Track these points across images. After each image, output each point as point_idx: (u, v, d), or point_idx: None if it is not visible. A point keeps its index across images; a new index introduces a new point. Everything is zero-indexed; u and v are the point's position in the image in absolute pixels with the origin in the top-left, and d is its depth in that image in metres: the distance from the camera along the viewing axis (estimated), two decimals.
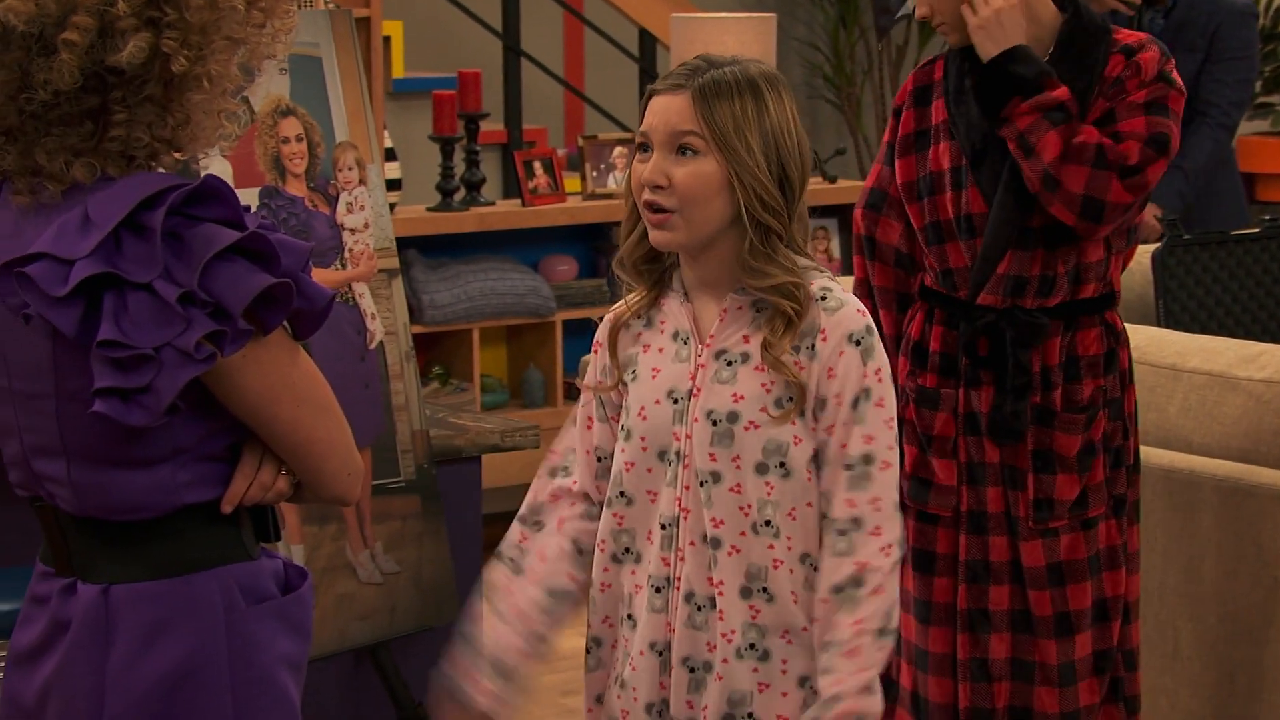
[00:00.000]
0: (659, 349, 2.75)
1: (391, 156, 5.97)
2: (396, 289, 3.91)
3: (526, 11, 7.59)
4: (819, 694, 2.66)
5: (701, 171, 2.66)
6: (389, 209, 3.96)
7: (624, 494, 2.75)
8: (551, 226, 6.30)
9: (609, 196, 6.18)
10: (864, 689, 2.63)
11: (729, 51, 2.79)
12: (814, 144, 7.91)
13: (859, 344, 2.66)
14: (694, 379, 2.71)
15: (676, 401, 2.71)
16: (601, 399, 2.80)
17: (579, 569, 2.81)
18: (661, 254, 2.77)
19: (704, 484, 2.68)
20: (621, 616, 2.78)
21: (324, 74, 3.85)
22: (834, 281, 2.71)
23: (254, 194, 3.70)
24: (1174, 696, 3.77)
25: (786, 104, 2.69)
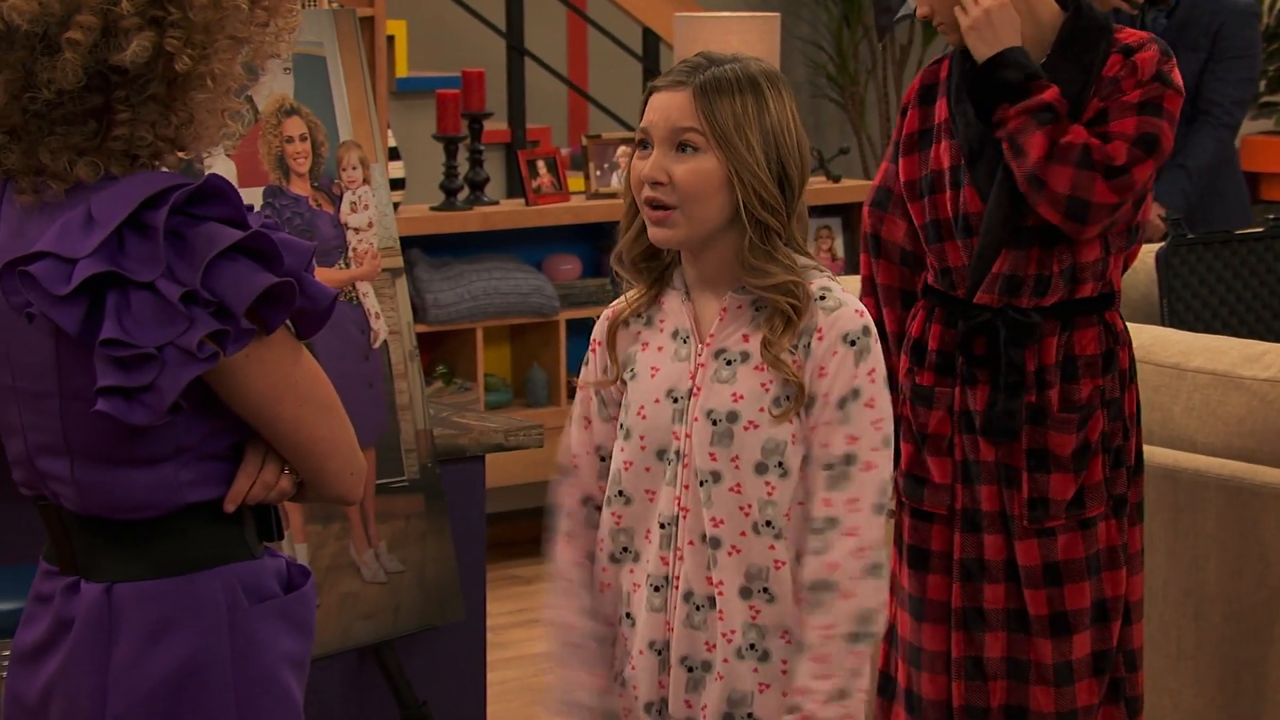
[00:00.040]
0: (658, 347, 2.75)
1: (395, 156, 5.97)
2: (400, 288, 3.90)
3: (530, 11, 7.59)
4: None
5: (702, 168, 2.66)
6: (393, 208, 3.96)
7: (622, 493, 2.75)
8: (555, 226, 6.30)
9: (613, 196, 6.18)
10: (829, 696, 2.61)
11: (732, 51, 2.79)
12: (818, 143, 7.93)
13: (853, 344, 2.65)
14: (694, 378, 2.71)
15: (676, 401, 2.71)
16: (602, 398, 2.79)
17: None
18: (660, 252, 2.77)
19: (704, 483, 2.68)
20: (621, 615, 2.78)
21: (328, 73, 3.84)
22: (834, 281, 2.71)
23: (258, 193, 3.69)
24: (1178, 696, 3.77)
25: (787, 102, 2.69)
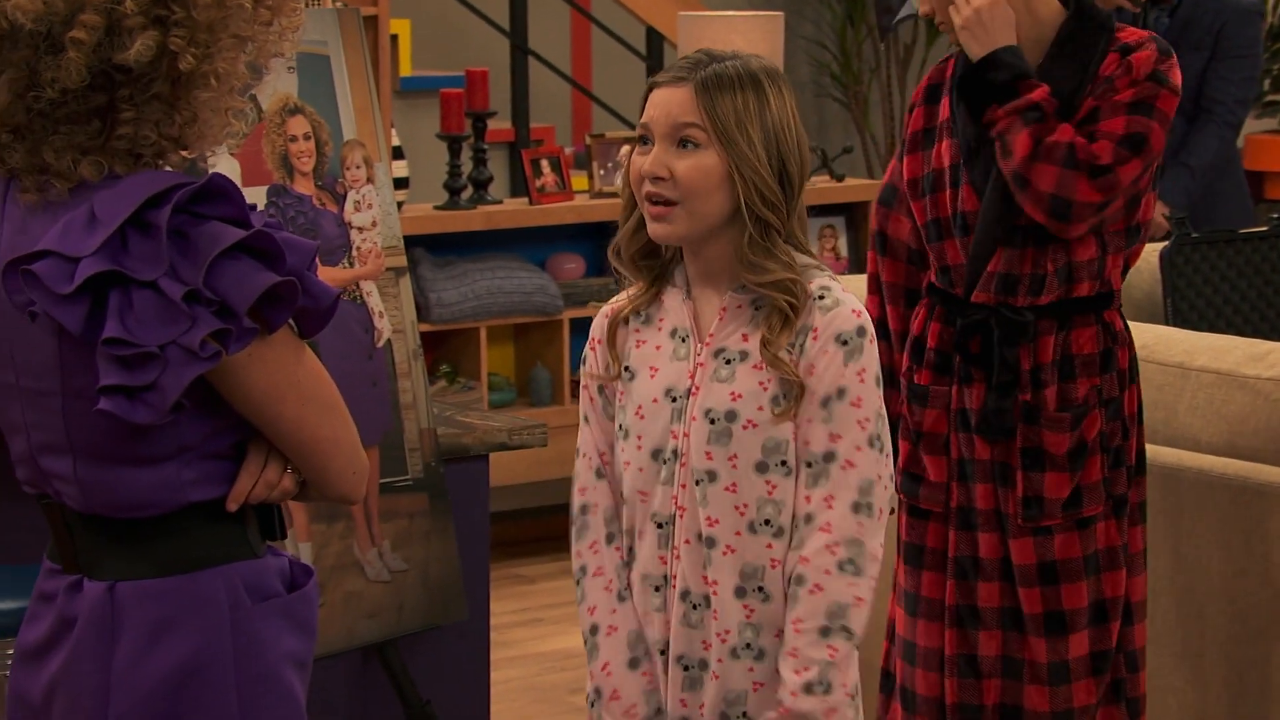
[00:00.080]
0: (656, 346, 2.74)
1: (399, 155, 5.97)
2: (404, 287, 3.90)
3: (534, 10, 7.59)
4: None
5: (702, 164, 2.66)
6: (397, 207, 3.96)
7: (627, 494, 2.75)
8: (559, 225, 6.30)
9: (616, 195, 6.16)
10: (803, 689, 2.63)
11: (735, 50, 2.78)
12: (822, 142, 7.92)
13: (845, 344, 2.65)
14: (693, 378, 2.71)
15: (675, 400, 2.71)
16: (606, 395, 2.79)
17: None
18: (658, 250, 2.77)
19: (699, 483, 2.68)
20: None
21: (332, 72, 3.84)
22: (834, 280, 2.70)
23: (262, 192, 3.69)
24: (1182, 696, 3.77)
25: (787, 99, 2.69)
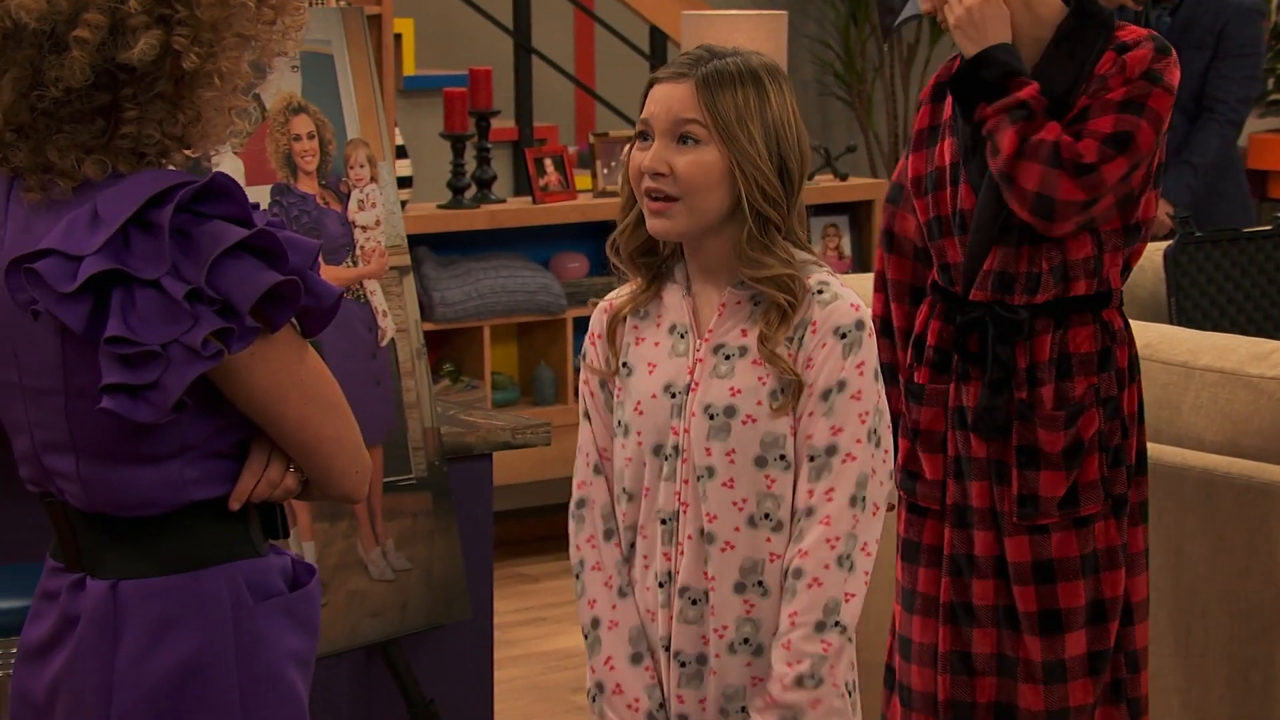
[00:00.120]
0: (654, 343, 2.75)
1: (403, 154, 5.96)
2: (408, 286, 3.90)
3: (537, 9, 7.59)
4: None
5: (703, 161, 2.66)
6: (400, 206, 3.96)
7: (626, 490, 2.75)
8: (562, 224, 6.29)
9: (619, 194, 6.17)
10: (794, 681, 2.63)
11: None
12: (825, 141, 7.92)
13: (844, 337, 2.66)
14: (692, 373, 2.71)
15: (674, 396, 2.71)
16: (607, 389, 2.79)
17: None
18: (657, 247, 2.77)
19: (700, 479, 2.68)
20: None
21: (335, 71, 3.84)
22: (833, 276, 2.71)
23: (265, 191, 3.69)
24: (1186, 695, 3.77)
25: (787, 96, 2.69)
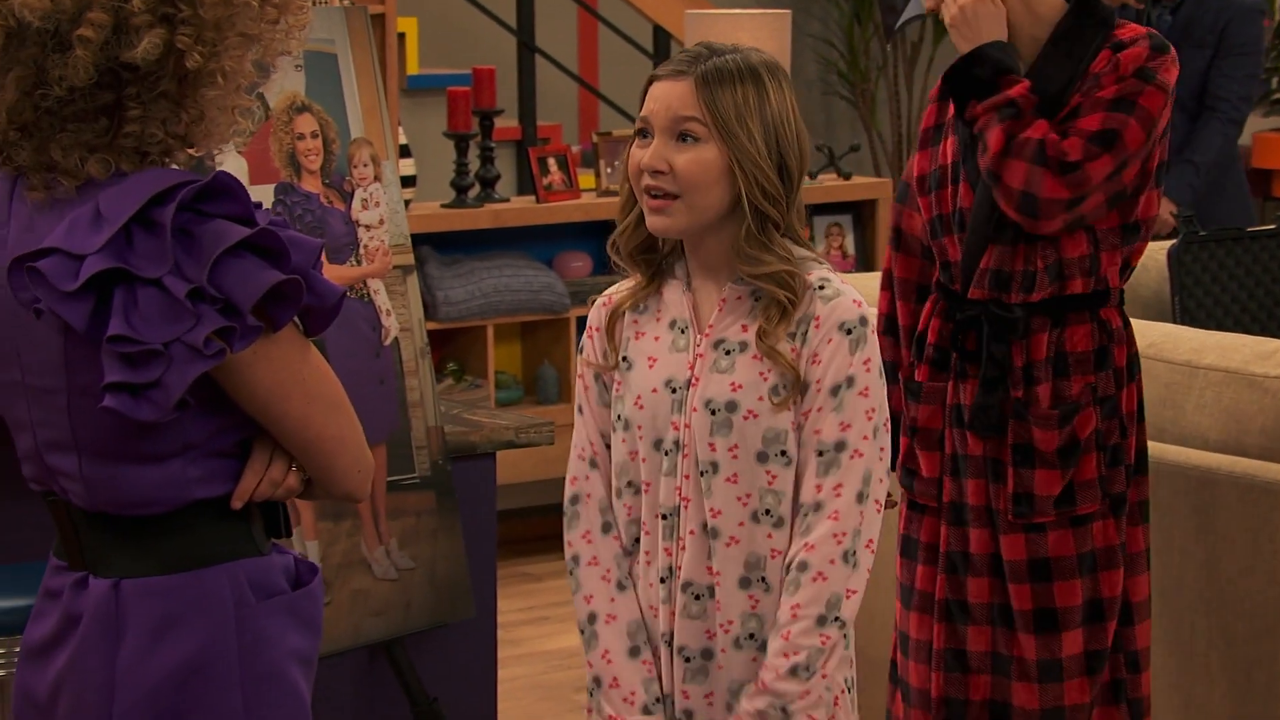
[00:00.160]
0: (654, 337, 2.75)
1: (406, 153, 5.97)
2: (411, 285, 3.90)
3: (541, 8, 7.59)
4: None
5: (702, 158, 2.66)
6: (404, 205, 3.96)
7: (631, 484, 2.75)
8: (566, 223, 6.29)
9: None
10: (789, 671, 2.64)
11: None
12: (828, 141, 7.91)
13: (849, 333, 2.67)
14: (692, 368, 2.71)
15: (675, 391, 2.71)
16: (603, 383, 2.79)
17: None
18: (657, 244, 2.77)
19: (704, 474, 2.69)
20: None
21: (339, 70, 3.85)
22: (833, 273, 2.72)
23: (269, 190, 3.69)
24: (1190, 694, 3.77)
25: (787, 93, 2.69)
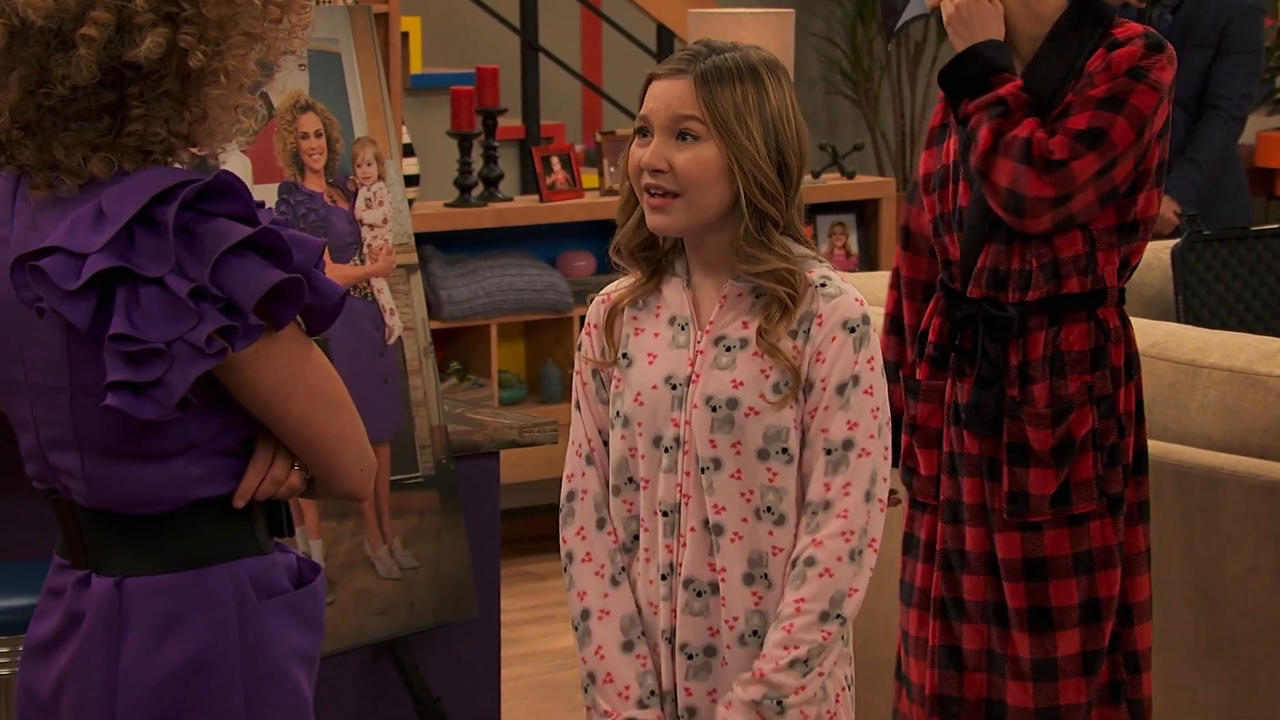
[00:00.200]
0: (654, 334, 2.75)
1: (410, 152, 5.97)
2: (415, 284, 3.90)
3: (544, 7, 7.59)
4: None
5: (702, 157, 2.66)
6: (407, 204, 3.96)
7: (630, 480, 2.75)
8: (569, 222, 6.30)
9: None
10: (789, 664, 2.63)
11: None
12: (832, 140, 7.91)
13: (853, 331, 2.66)
14: (693, 365, 2.71)
15: (675, 388, 2.71)
16: (601, 379, 2.79)
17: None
18: (657, 241, 2.77)
19: (705, 470, 2.68)
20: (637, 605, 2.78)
21: (343, 70, 3.85)
22: (833, 271, 2.72)
23: (273, 189, 3.69)
24: (1194, 693, 3.76)
25: (786, 91, 2.69)
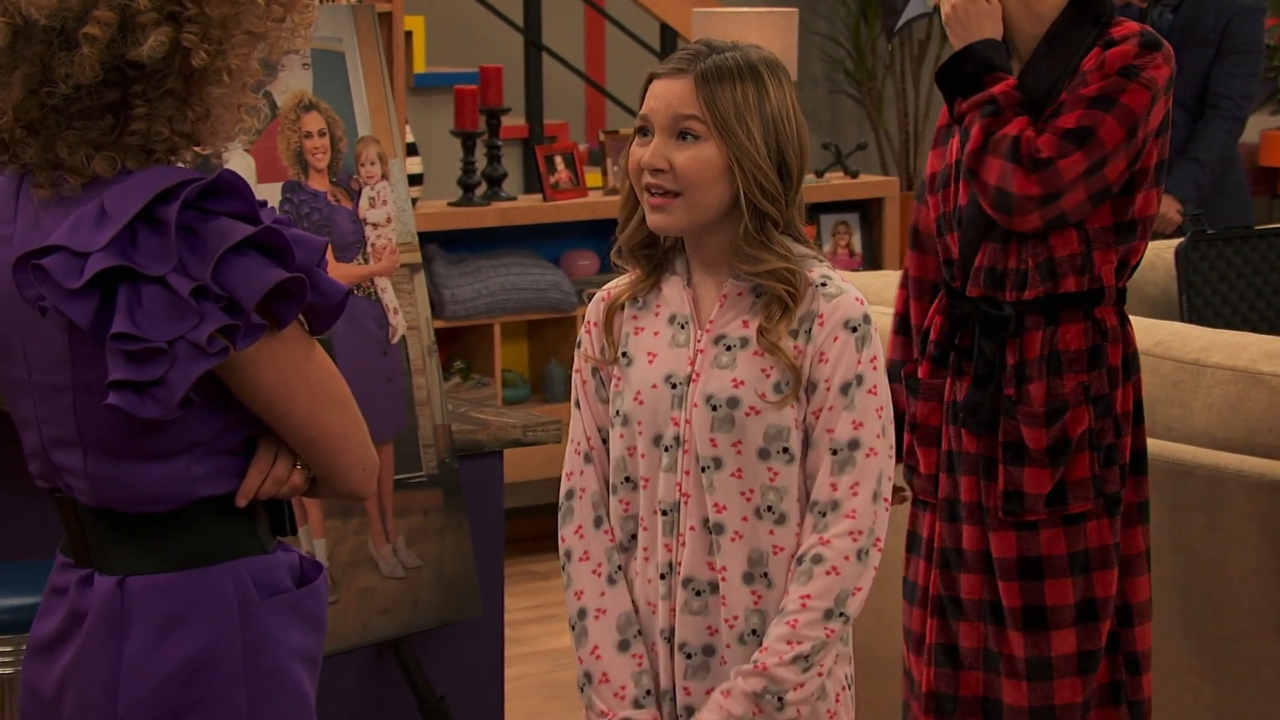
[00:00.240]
0: (654, 333, 2.74)
1: (413, 151, 5.97)
2: (418, 284, 3.90)
3: (548, 6, 7.59)
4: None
5: (702, 156, 2.66)
6: (411, 204, 3.96)
7: (629, 479, 2.75)
8: (572, 221, 6.30)
9: None
10: (791, 659, 2.63)
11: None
12: (835, 139, 7.91)
13: (855, 330, 2.66)
14: (693, 364, 2.71)
15: (675, 386, 2.71)
16: (600, 378, 2.79)
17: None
18: (657, 239, 2.77)
19: (705, 469, 2.68)
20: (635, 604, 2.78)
21: (346, 69, 3.85)
22: (834, 271, 2.72)
23: (277, 189, 3.69)
24: (1197, 692, 3.76)
25: (786, 90, 2.69)
